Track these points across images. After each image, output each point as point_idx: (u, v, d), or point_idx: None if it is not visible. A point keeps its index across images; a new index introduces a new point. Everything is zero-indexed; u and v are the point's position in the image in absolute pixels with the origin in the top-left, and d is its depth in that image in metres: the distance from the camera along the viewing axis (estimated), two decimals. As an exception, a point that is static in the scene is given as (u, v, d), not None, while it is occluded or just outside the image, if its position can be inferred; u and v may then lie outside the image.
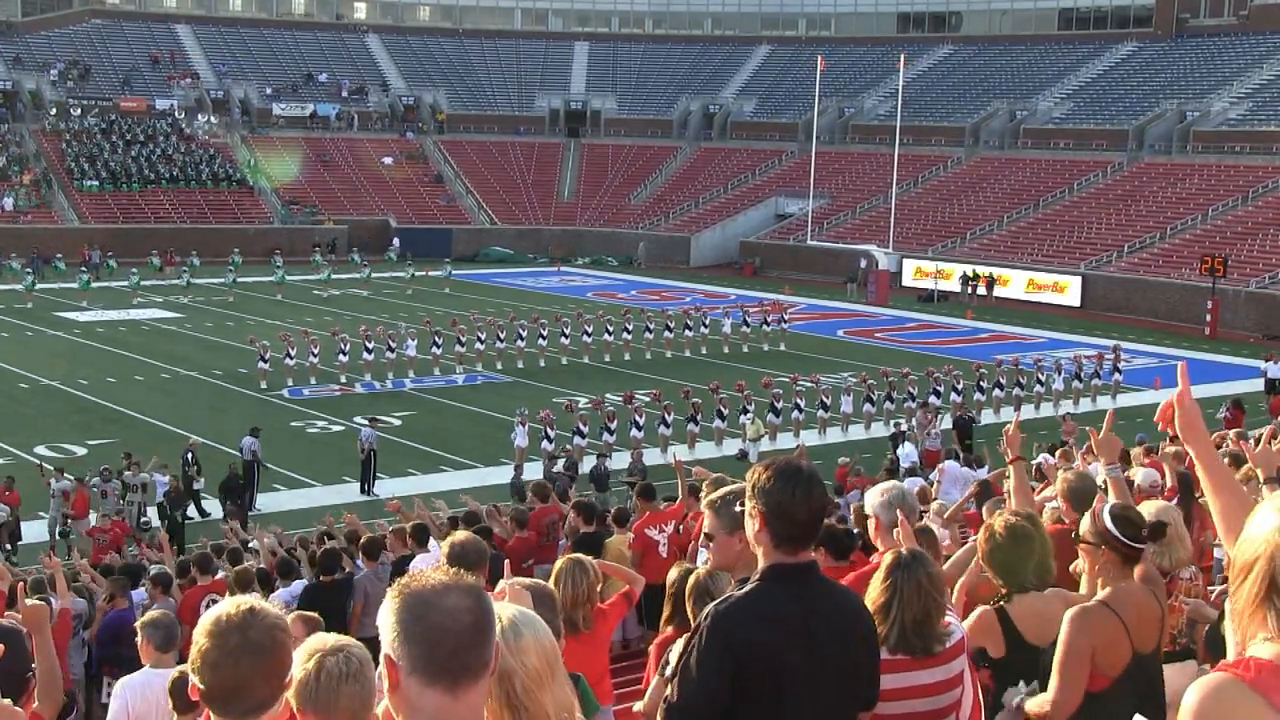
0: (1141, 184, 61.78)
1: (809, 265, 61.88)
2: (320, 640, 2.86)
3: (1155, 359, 41.17)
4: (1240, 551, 2.18)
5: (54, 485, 22.80)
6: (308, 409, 32.41)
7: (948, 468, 19.51)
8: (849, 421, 31.30)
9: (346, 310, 47.50)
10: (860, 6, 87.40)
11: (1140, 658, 4.69)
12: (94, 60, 77.98)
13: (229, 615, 2.80)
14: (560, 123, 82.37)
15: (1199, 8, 74.75)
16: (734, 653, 3.55)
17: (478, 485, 24.18)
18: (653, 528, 12.30)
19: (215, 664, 2.75)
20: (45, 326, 43.86)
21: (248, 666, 2.75)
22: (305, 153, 73.50)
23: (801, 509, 3.63)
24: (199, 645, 2.78)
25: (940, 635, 4.56)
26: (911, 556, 4.66)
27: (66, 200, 65.30)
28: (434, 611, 2.39)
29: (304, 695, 2.77)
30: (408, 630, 2.39)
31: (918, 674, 4.48)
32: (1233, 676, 2.10)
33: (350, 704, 2.77)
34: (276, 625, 2.82)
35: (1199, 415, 3.49)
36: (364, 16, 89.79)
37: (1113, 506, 4.88)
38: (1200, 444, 3.45)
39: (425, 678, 2.38)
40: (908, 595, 4.52)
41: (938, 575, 4.73)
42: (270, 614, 2.85)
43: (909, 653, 4.47)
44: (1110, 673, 4.63)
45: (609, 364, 38.48)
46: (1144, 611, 4.72)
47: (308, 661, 2.80)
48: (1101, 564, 4.76)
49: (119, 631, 11.66)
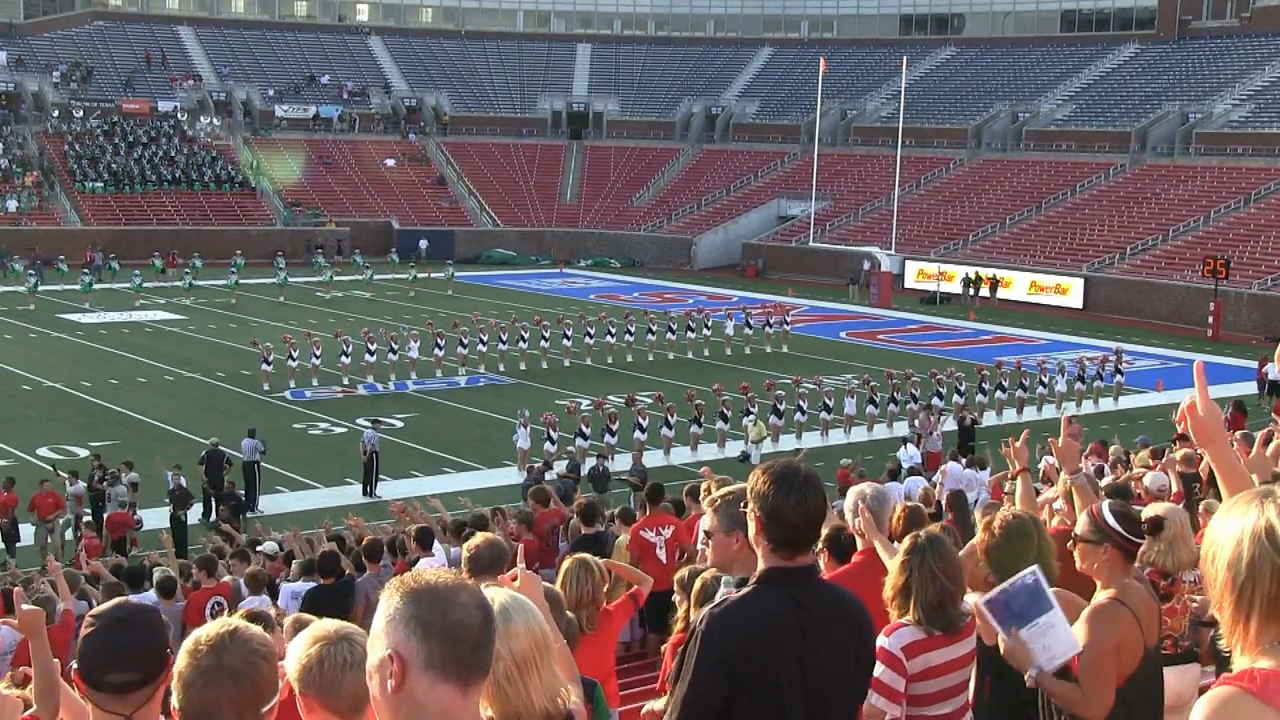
0: (1144, 186, 61.77)
1: (811, 267, 61.88)
2: (323, 627, 2.86)
3: (1157, 361, 41.17)
4: (1215, 564, 2.17)
5: (68, 488, 22.83)
6: (310, 411, 32.43)
7: (950, 469, 19.49)
8: (851, 423, 31.31)
9: (349, 312, 47.54)
10: (862, 8, 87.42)
11: (1150, 651, 4.73)
12: (96, 62, 78.05)
13: (208, 636, 2.76)
14: (562, 124, 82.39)
15: (1201, 10, 74.74)
16: (729, 656, 3.57)
17: (481, 487, 24.16)
18: (649, 530, 12.27)
19: (188, 684, 2.72)
20: (48, 328, 43.88)
21: (218, 691, 2.70)
22: (307, 154, 73.55)
23: (795, 514, 3.65)
24: (179, 663, 2.76)
25: (962, 611, 4.73)
26: (928, 540, 4.75)
27: (69, 202, 65.36)
28: (453, 608, 2.39)
29: (306, 680, 2.77)
30: (426, 626, 2.37)
31: (951, 649, 4.66)
32: (1240, 689, 2.08)
33: (354, 690, 2.77)
34: (256, 651, 2.76)
35: (1215, 418, 3.32)
36: (366, 18, 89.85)
37: (1113, 504, 4.92)
38: (1214, 447, 3.34)
39: (440, 674, 2.37)
40: (925, 577, 4.67)
41: (953, 556, 4.83)
42: (253, 637, 2.79)
43: (928, 633, 4.63)
44: (1127, 670, 4.65)
45: (611, 366, 38.49)
46: (1147, 605, 4.77)
47: (311, 647, 2.80)
48: (1103, 562, 4.78)
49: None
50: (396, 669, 2.36)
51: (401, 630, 2.38)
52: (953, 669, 4.67)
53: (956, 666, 4.70)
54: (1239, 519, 2.15)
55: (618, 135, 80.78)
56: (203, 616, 11.29)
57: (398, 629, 2.38)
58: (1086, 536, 4.82)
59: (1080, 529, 4.88)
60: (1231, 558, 2.13)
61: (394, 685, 2.37)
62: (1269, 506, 2.13)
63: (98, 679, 2.92)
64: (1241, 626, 2.13)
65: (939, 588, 4.65)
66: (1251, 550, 2.10)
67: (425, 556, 10.94)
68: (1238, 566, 2.11)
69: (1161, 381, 36.79)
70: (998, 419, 31.81)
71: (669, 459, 27.81)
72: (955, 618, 4.70)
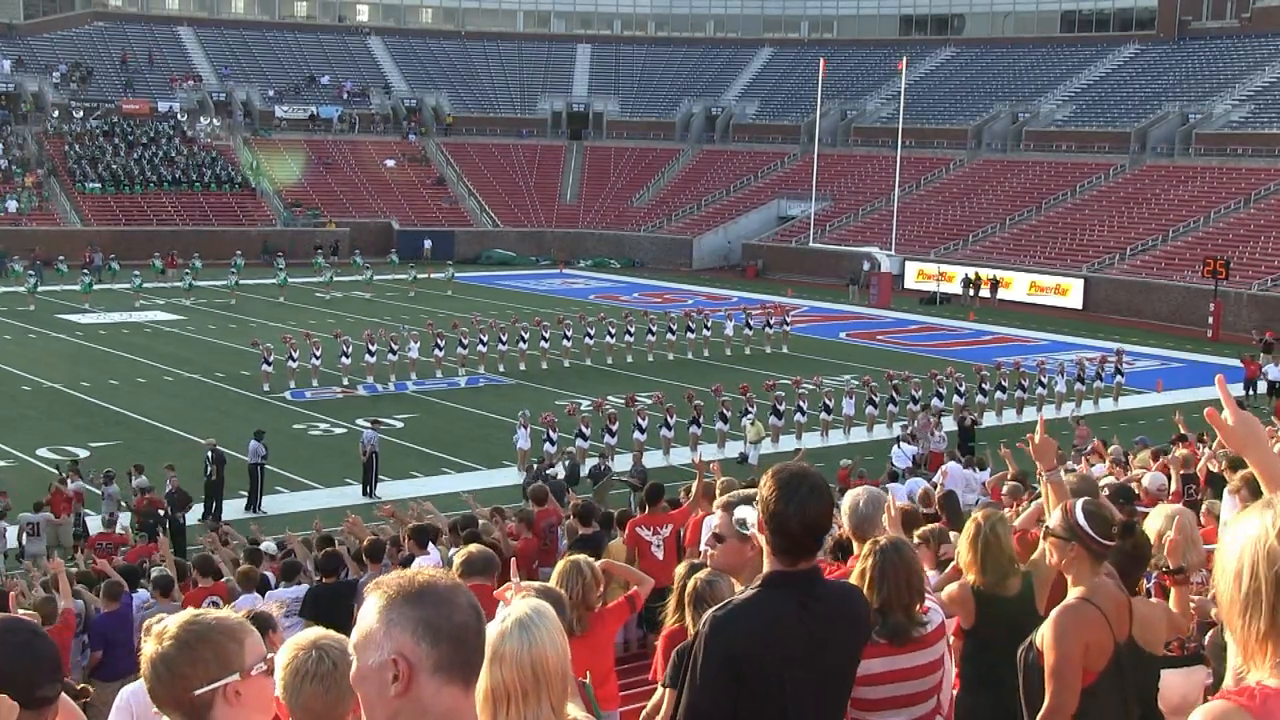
0: (1144, 186, 61.77)
1: (811, 267, 61.88)
2: (305, 635, 2.85)
3: (1157, 361, 41.18)
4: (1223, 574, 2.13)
5: (69, 486, 22.78)
6: (310, 411, 32.42)
7: (950, 470, 19.50)
8: (851, 424, 31.30)
9: (349, 313, 47.53)
10: (862, 9, 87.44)
11: (1120, 647, 4.74)
12: (96, 62, 78.05)
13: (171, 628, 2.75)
14: (562, 125, 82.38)
15: (1201, 10, 74.75)
16: (733, 659, 3.57)
17: (481, 488, 24.14)
18: (646, 528, 12.29)
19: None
20: (47, 329, 43.86)
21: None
22: (307, 155, 73.53)
23: (794, 522, 3.65)
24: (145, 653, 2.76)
25: (918, 621, 4.68)
26: (892, 545, 4.75)
27: (69, 202, 65.35)
28: (458, 611, 2.39)
29: (281, 684, 2.78)
30: (436, 630, 2.35)
31: (897, 658, 4.59)
32: (1237, 705, 2.04)
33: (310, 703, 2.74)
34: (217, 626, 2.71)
35: (1248, 424, 3.05)
36: (366, 18, 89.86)
37: (1086, 503, 4.91)
38: (1253, 452, 3.04)
39: (447, 676, 2.36)
40: (889, 582, 4.66)
41: (915, 561, 4.84)
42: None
43: (890, 638, 4.59)
44: (1097, 666, 4.67)
45: (611, 366, 38.48)
46: (1117, 602, 4.78)
47: (285, 655, 2.79)
48: (1070, 559, 4.80)
49: (107, 635, 11.65)
50: (404, 673, 2.34)
51: (408, 634, 2.35)
52: (906, 678, 4.60)
53: (911, 676, 4.62)
54: (1244, 530, 2.12)
55: (618, 136, 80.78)
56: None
57: (403, 632, 2.35)
58: (1057, 532, 4.84)
59: (1052, 523, 4.90)
60: (1236, 570, 2.10)
61: (399, 689, 2.34)
62: (1268, 515, 2.10)
63: (29, 694, 2.85)
64: (1251, 641, 2.09)
65: (903, 591, 4.65)
66: (1254, 562, 2.08)
67: (421, 555, 10.94)
68: (1242, 579, 2.08)
69: (1161, 382, 36.79)
70: (997, 420, 31.81)
71: (669, 459, 27.80)
72: (912, 625, 4.66)
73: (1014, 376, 33.94)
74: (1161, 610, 5.34)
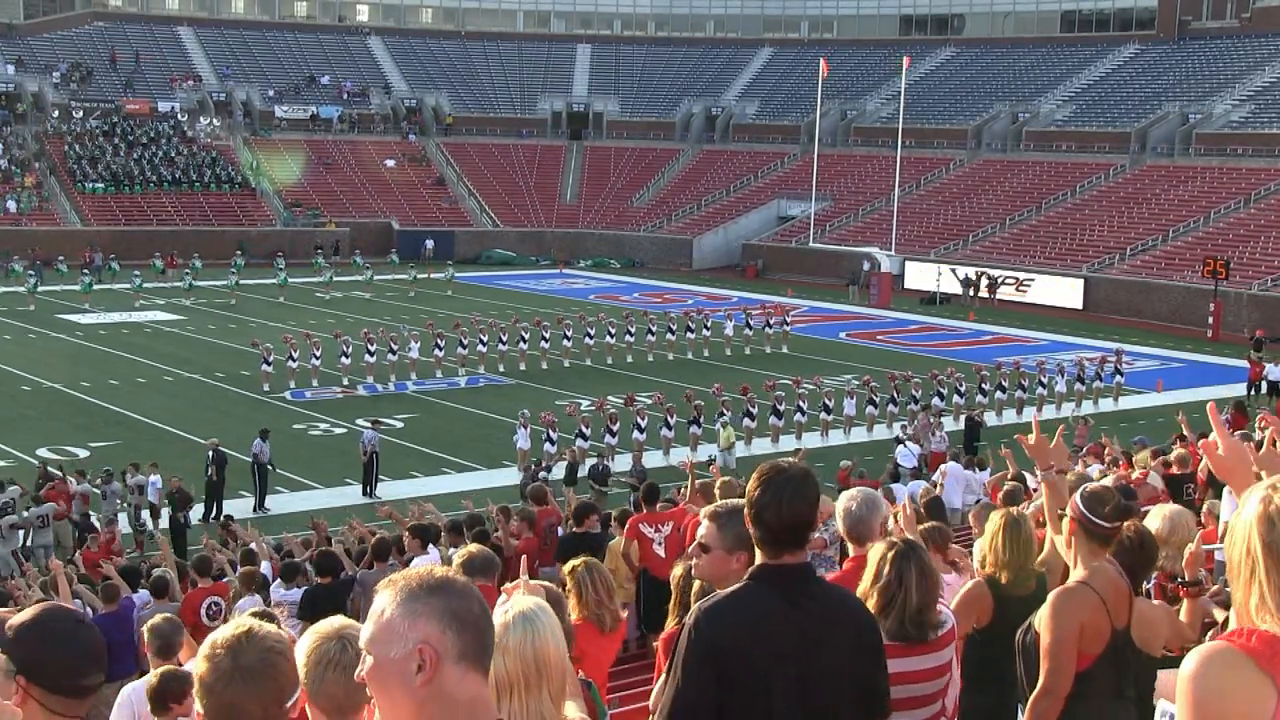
0: (1144, 186, 61.77)
1: (811, 267, 61.88)
2: (328, 624, 2.88)
3: (1157, 361, 41.17)
4: (1232, 546, 2.32)
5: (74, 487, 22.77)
6: (310, 411, 32.42)
7: (951, 469, 19.50)
8: (851, 424, 31.29)
9: (349, 312, 47.53)
10: (862, 9, 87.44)
11: (1117, 633, 4.77)
12: (96, 62, 78.05)
13: (225, 639, 2.80)
14: (562, 125, 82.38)
15: (1201, 10, 74.75)
16: (717, 651, 3.57)
17: (481, 488, 24.13)
18: (648, 525, 12.34)
19: (209, 687, 2.76)
20: (47, 329, 43.86)
21: (238, 691, 2.73)
22: (307, 155, 73.54)
23: (771, 513, 3.67)
24: (198, 668, 2.79)
25: (935, 623, 4.70)
26: (909, 546, 4.74)
27: (69, 202, 65.35)
28: (474, 602, 2.46)
29: (303, 675, 2.82)
30: (462, 619, 2.41)
31: (907, 660, 4.59)
32: (1228, 644, 2.21)
33: (333, 690, 2.77)
34: (272, 649, 2.79)
35: (1237, 453, 3.21)
36: (366, 18, 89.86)
37: (1085, 487, 4.94)
38: (1238, 482, 3.20)
39: (470, 664, 2.42)
40: (909, 584, 4.65)
41: (931, 564, 4.86)
42: (268, 636, 2.82)
43: (903, 640, 4.59)
44: (1094, 650, 4.71)
45: (611, 366, 38.48)
46: (1117, 588, 4.81)
47: (310, 643, 2.85)
48: (1072, 542, 4.87)
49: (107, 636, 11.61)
50: (431, 660, 2.37)
51: (434, 623, 2.40)
52: (913, 680, 4.62)
53: (919, 679, 4.65)
54: (1250, 506, 2.30)
55: (618, 136, 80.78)
56: (198, 617, 11.29)
57: (428, 622, 2.40)
58: (1059, 512, 4.98)
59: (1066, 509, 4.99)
60: (1240, 537, 2.28)
61: (425, 678, 2.38)
62: (1274, 495, 2.27)
63: (74, 682, 2.93)
64: (1252, 600, 2.25)
65: (922, 593, 4.65)
66: (1258, 531, 2.26)
67: (421, 555, 10.95)
68: (1246, 544, 2.27)
69: (1161, 382, 36.79)
70: (998, 420, 31.80)
71: (668, 459, 27.78)
72: (928, 627, 4.67)
73: (1014, 376, 33.93)
74: (1163, 612, 5.34)
